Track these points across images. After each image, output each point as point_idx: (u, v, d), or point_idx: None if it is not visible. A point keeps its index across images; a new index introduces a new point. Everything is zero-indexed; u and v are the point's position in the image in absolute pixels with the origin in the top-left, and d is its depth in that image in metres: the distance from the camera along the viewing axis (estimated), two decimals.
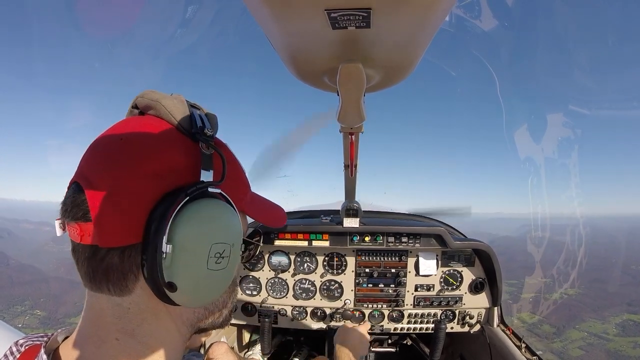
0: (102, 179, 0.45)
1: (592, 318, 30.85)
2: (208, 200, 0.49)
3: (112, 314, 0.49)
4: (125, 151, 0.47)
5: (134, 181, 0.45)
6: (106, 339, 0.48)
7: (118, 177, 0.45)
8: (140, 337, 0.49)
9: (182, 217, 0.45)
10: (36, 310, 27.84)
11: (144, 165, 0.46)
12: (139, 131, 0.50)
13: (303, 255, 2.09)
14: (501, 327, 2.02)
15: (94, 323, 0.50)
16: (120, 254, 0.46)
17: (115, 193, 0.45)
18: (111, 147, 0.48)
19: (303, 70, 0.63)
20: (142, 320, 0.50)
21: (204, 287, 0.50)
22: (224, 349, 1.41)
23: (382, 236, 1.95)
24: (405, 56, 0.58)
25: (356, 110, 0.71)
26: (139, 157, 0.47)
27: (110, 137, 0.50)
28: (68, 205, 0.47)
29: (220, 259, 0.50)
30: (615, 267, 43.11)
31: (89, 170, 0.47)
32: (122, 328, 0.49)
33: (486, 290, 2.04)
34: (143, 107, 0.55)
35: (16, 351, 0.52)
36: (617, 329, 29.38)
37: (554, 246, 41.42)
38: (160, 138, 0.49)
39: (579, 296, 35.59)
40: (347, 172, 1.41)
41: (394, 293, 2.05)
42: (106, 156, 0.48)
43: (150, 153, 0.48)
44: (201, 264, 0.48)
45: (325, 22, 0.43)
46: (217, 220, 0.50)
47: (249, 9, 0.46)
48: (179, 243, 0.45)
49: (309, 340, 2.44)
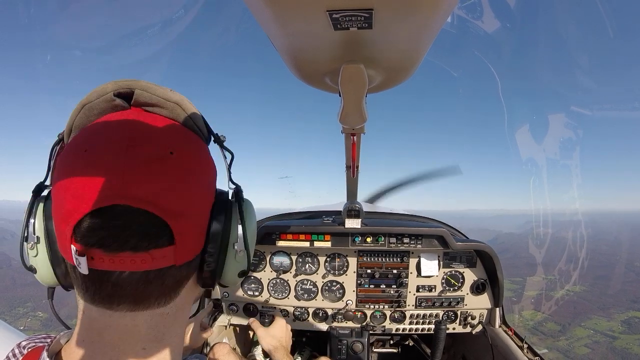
0: (177, 201, 0.44)
1: (598, 315, 30.64)
2: (248, 200, 0.57)
3: (148, 326, 0.47)
4: (180, 165, 0.45)
5: (199, 195, 0.48)
6: (130, 350, 0.47)
7: (187, 194, 0.46)
8: (167, 338, 0.50)
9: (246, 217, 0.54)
10: (38, 312, 27.77)
11: (201, 179, 0.49)
12: (180, 140, 0.48)
13: (305, 256, 2.09)
14: (503, 328, 2.01)
15: (113, 339, 0.47)
16: (188, 264, 0.48)
17: (190, 210, 0.46)
18: (165, 163, 0.44)
19: (305, 71, 0.63)
20: (174, 320, 0.51)
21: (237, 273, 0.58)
22: (226, 350, 1.41)
23: (383, 237, 1.94)
24: (407, 57, 0.57)
25: (358, 111, 0.70)
26: (196, 170, 0.48)
27: (153, 149, 0.44)
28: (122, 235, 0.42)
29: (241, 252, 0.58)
30: (619, 264, 42.89)
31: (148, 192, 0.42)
32: (154, 336, 0.48)
33: (488, 291, 2.03)
34: (143, 103, 0.49)
35: (19, 353, 0.52)
36: (622, 326, 29.13)
37: (558, 244, 41.24)
38: (200, 148, 0.52)
39: (584, 293, 35.39)
40: (348, 173, 1.41)
41: (396, 294, 2.04)
42: (163, 174, 0.43)
43: (202, 165, 0.50)
44: (252, 252, 0.57)
45: (327, 23, 0.42)
46: (254, 214, 0.59)
47: (250, 10, 0.45)
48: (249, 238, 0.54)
49: (310, 341, 2.44)
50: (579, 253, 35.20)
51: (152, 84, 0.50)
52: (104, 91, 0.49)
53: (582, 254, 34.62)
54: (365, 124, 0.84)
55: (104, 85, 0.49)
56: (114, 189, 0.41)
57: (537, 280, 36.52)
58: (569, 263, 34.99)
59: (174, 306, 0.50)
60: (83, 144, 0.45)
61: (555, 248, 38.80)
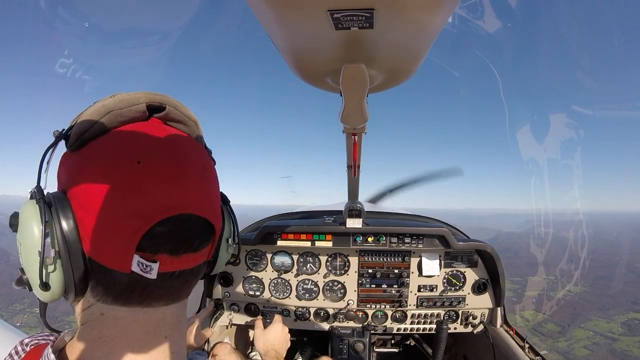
0: (213, 205, 0.54)
1: (597, 317, 30.45)
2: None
3: (173, 315, 0.54)
4: (213, 178, 0.56)
5: (219, 200, 0.58)
6: (153, 340, 0.51)
7: (216, 200, 0.56)
8: (182, 325, 0.57)
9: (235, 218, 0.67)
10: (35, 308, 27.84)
11: (218, 185, 0.58)
12: (203, 154, 0.56)
13: (306, 256, 2.09)
14: (504, 328, 2.01)
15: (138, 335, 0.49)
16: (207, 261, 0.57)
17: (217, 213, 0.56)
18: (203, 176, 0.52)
19: (306, 71, 0.63)
20: (185, 307, 0.58)
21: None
22: (227, 350, 1.41)
23: (385, 237, 1.94)
24: (408, 57, 0.58)
25: (359, 110, 0.70)
26: (216, 180, 0.57)
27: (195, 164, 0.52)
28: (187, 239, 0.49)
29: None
30: (619, 265, 42.73)
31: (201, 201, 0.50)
32: (175, 325, 0.54)
33: (489, 291, 2.03)
34: (171, 119, 0.54)
35: (21, 350, 0.52)
36: (622, 328, 28.93)
37: (558, 244, 41.06)
38: (211, 160, 0.58)
39: (584, 294, 35.21)
40: (350, 173, 1.41)
41: (397, 293, 2.04)
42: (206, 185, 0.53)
43: (216, 175, 0.58)
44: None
45: (328, 22, 0.42)
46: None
47: (251, 10, 0.45)
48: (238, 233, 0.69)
49: (312, 341, 2.44)
50: (580, 253, 35.03)
51: (179, 102, 0.56)
52: (136, 101, 0.50)
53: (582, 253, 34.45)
54: (366, 123, 0.84)
55: (135, 94, 0.50)
56: (178, 199, 0.46)
57: (537, 280, 36.39)
58: (569, 263, 34.83)
59: (187, 299, 0.58)
60: (131, 154, 0.45)
61: (556, 248, 38.63)
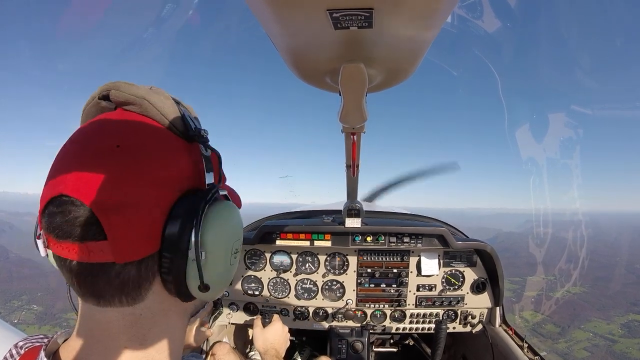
0: (111, 194, 0.42)
1: (597, 318, 30.23)
2: (222, 202, 0.53)
3: (122, 324, 0.48)
4: (128, 160, 0.44)
5: (145, 191, 0.44)
6: (112, 347, 0.48)
7: (128, 189, 0.43)
8: (151, 340, 0.50)
9: (208, 222, 0.47)
10: (33, 305, 27.37)
11: (151, 173, 0.45)
12: (134, 135, 0.47)
13: (305, 255, 2.09)
14: (503, 327, 2.01)
15: (98, 334, 0.48)
16: (137, 265, 0.45)
17: (129, 207, 0.43)
18: (108, 155, 0.44)
19: (305, 70, 0.63)
20: (153, 324, 0.50)
21: (225, 282, 0.55)
22: (226, 349, 1.42)
23: (384, 236, 1.95)
24: (407, 56, 0.58)
25: (358, 110, 0.70)
26: (144, 165, 0.45)
27: (101, 143, 0.45)
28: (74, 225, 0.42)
29: (235, 254, 0.55)
30: (619, 266, 42.70)
31: (86, 184, 0.42)
32: (133, 335, 0.48)
33: (488, 290, 2.04)
34: (120, 102, 0.50)
35: (16, 353, 0.52)
36: (622, 329, 28.70)
37: (558, 244, 40.95)
38: (159, 142, 0.48)
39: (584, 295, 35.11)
40: (349, 172, 1.41)
41: (396, 293, 2.04)
42: (104, 167, 0.43)
43: (155, 159, 0.46)
44: (226, 263, 0.52)
45: (327, 22, 0.42)
46: (233, 220, 0.53)
47: (250, 9, 0.45)
48: (208, 246, 0.47)
49: (311, 340, 2.45)
50: (579, 253, 34.92)
51: (128, 83, 0.50)
52: (93, 95, 0.52)
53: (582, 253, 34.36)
54: (365, 123, 0.84)
55: (96, 90, 0.52)
56: (62, 180, 0.44)
57: (537, 280, 36.36)
58: (569, 263, 34.77)
59: (147, 309, 0.48)
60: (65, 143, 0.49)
61: (556, 247, 38.54)
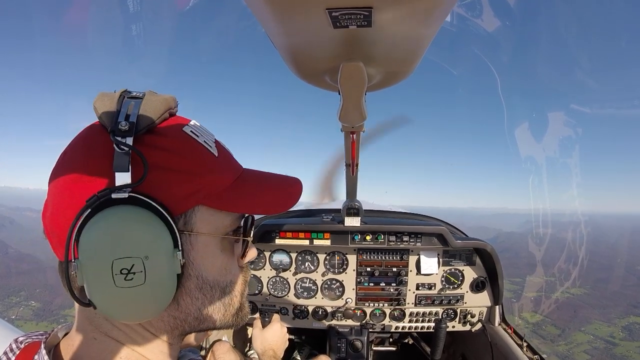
0: (48, 196, 0.47)
1: (598, 320, 29.86)
2: (110, 209, 0.44)
3: (83, 317, 0.51)
4: (60, 165, 0.47)
5: (61, 193, 0.46)
6: (92, 339, 0.50)
7: (53, 193, 0.46)
8: (117, 337, 0.51)
9: (84, 233, 0.43)
10: (31, 301, 27.41)
11: (68, 177, 0.45)
12: (73, 141, 0.49)
13: (304, 254, 2.10)
14: (502, 326, 2.02)
15: (82, 325, 0.52)
16: (60, 266, 0.48)
17: (52, 208, 0.46)
18: (56, 163, 0.48)
19: (304, 69, 0.63)
20: (112, 326, 0.51)
21: (123, 305, 0.46)
22: (225, 348, 1.42)
23: (383, 235, 1.95)
24: (406, 55, 0.58)
25: (357, 109, 0.71)
26: (66, 169, 0.46)
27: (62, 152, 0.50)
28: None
29: (130, 275, 0.44)
30: (619, 267, 42.48)
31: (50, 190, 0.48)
32: (96, 329, 0.51)
33: (487, 289, 2.04)
34: None
35: (16, 348, 0.52)
36: (623, 332, 28.43)
37: (558, 244, 40.77)
38: (83, 144, 0.48)
39: (584, 296, 34.82)
40: (348, 171, 1.41)
41: (395, 292, 2.05)
42: (51, 174, 0.48)
43: (73, 163, 0.46)
44: (107, 283, 0.43)
45: (326, 21, 0.43)
46: (117, 233, 0.44)
47: (250, 8, 0.46)
48: (83, 261, 0.43)
49: (310, 339, 2.45)
50: (579, 253, 34.74)
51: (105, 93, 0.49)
52: None
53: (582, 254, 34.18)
54: (364, 122, 0.85)
55: None
56: None
57: (537, 280, 36.22)
58: (569, 263, 34.60)
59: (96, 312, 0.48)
60: None
61: (556, 248, 38.36)
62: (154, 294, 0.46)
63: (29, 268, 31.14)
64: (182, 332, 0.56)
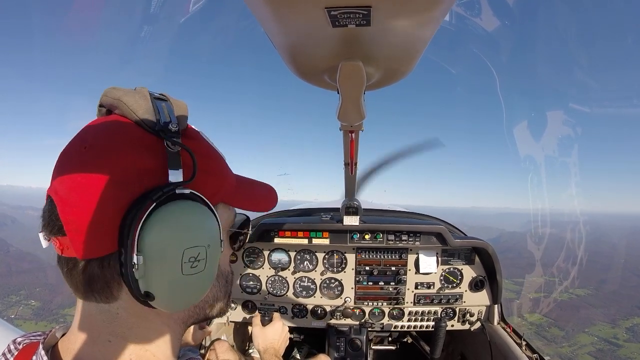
0: (70, 191, 0.44)
1: (602, 321, 29.55)
2: (176, 203, 0.47)
3: (102, 320, 0.49)
4: (89, 159, 0.45)
5: (102, 190, 0.44)
6: (98, 340, 0.49)
7: (85, 187, 0.44)
8: (133, 338, 0.50)
9: (150, 226, 0.44)
10: (31, 300, 27.20)
11: (109, 171, 0.45)
12: (102, 135, 0.48)
13: (303, 253, 2.10)
14: (501, 325, 2.02)
15: (86, 325, 0.50)
16: (99, 264, 0.46)
17: (85, 204, 0.44)
18: (75, 155, 0.47)
19: (303, 68, 0.63)
20: (132, 324, 0.50)
21: (183, 292, 0.49)
22: (224, 347, 1.43)
23: (382, 234, 1.95)
24: (405, 54, 0.58)
25: (356, 108, 0.71)
26: (103, 163, 0.45)
27: (75, 145, 0.48)
28: (45, 219, 0.47)
29: (195, 263, 0.48)
30: (623, 268, 42.14)
31: (58, 182, 0.46)
32: (114, 331, 0.49)
33: (486, 288, 2.04)
34: (109, 107, 0.52)
35: (14, 349, 0.52)
36: (627, 333, 28.12)
37: (561, 244, 40.52)
38: (123, 140, 0.47)
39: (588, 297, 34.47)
40: (347, 170, 1.41)
41: (394, 291, 2.05)
42: (71, 166, 0.46)
43: (114, 158, 0.46)
44: (175, 272, 0.46)
45: (325, 20, 0.43)
46: (187, 224, 0.47)
47: (249, 7, 0.46)
48: (149, 253, 0.44)
49: (309, 338, 2.46)
50: (583, 253, 34.48)
51: (116, 87, 0.51)
52: (98, 103, 0.54)
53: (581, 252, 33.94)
54: (363, 121, 0.85)
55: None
56: (51, 181, 0.48)
57: (540, 281, 36.02)
58: (571, 263, 34.34)
59: (123, 310, 0.49)
60: None
61: (559, 248, 38.07)
62: (206, 280, 0.52)
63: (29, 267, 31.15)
64: (194, 321, 0.60)
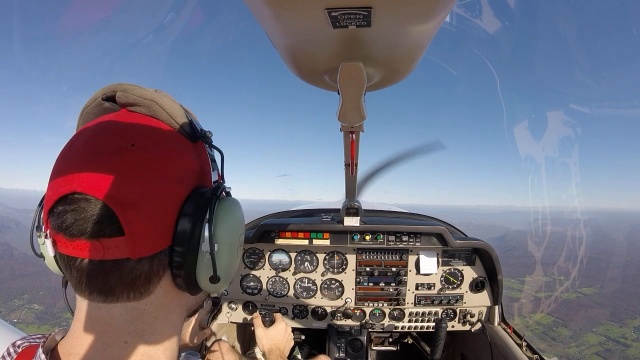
0: (128, 190, 0.44)
1: (610, 321, 29.36)
2: (229, 198, 0.57)
3: (124, 319, 0.48)
4: (143, 158, 0.46)
5: (160, 188, 0.47)
6: (113, 343, 0.48)
7: (144, 185, 0.45)
8: (148, 335, 0.50)
9: (218, 216, 0.51)
10: (34, 304, 27.05)
11: (165, 170, 0.48)
12: (147, 134, 0.49)
13: (304, 254, 2.10)
14: (502, 326, 2.02)
15: (100, 330, 0.48)
16: (150, 260, 0.47)
17: (145, 203, 0.45)
18: (125, 153, 0.45)
19: (304, 69, 0.63)
20: (154, 319, 0.51)
21: (231, 273, 0.57)
22: (225, 348, 1.42)
23: (382, 235, 1.95)
24: (405, 55, 0.58)
25: (357, 109, 0.71)
26: (159, 163, 0.47)
27: (115, 142, 0.47)
28: (76, 222, 0.44)
29: (240, 246, 0.59)
30: (631, 267, 41.87)
31: (102, 182, 0.44)
32: (134, 330, 0.49)
33: (487, 289, 2.04)
34: (126, 103, 0.52)
35: (13, 352, 0.52)
36: (635, 333, 27.95)
37: (564, 242, 40.26)
38: (170, 141, 0.51)
39: (595, 296, 34.13)
40: (347, 171, 1.41)
41: (395, 292, 2.05)
42: (122, 164, 0.45)
43: (168, 158, 0.49)
44: (233, 255, 0.56)
45: (326, 21, 0.43)
46: (239, 214, 0.57)
47: (249, 8, 0.46)
48: (219, 239, 0.51)
49: (309, 339, 2.45)
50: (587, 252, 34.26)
51: (134, 85, 0.53)
52: (95, 96, 0.54)
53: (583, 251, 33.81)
54: (364, 122, 0.85)
55: (97, 91, 0.54)
56: (73, 177, 0.44)
57: (545, 280, 35.83)
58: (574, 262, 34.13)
59: (150, 304, 0.50)
60: (67, 142, 0.51)
61: (564, 247, 37.83)
62: (239, 261, 0.62)
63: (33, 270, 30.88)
64: (194, 311, 0.64)
